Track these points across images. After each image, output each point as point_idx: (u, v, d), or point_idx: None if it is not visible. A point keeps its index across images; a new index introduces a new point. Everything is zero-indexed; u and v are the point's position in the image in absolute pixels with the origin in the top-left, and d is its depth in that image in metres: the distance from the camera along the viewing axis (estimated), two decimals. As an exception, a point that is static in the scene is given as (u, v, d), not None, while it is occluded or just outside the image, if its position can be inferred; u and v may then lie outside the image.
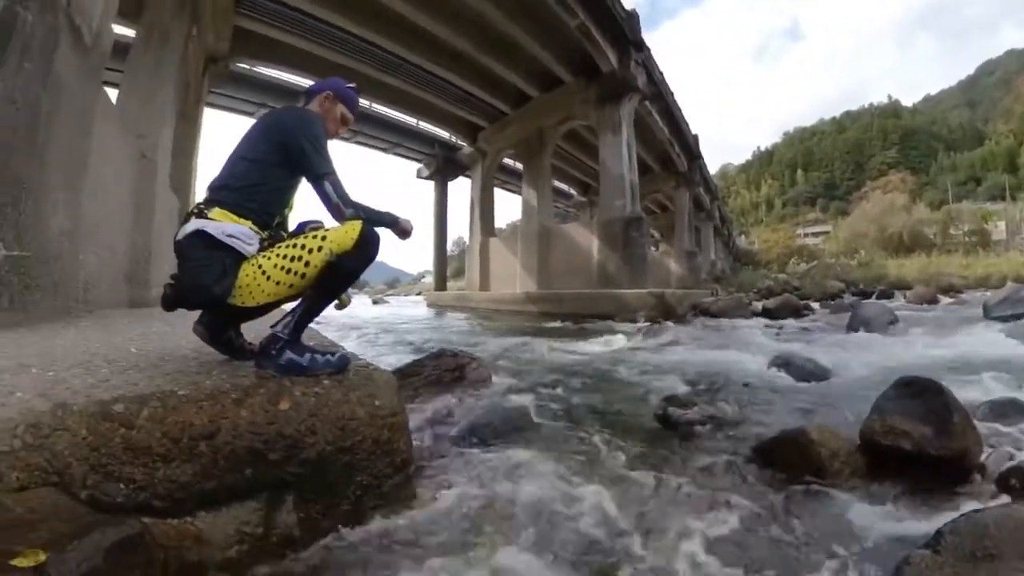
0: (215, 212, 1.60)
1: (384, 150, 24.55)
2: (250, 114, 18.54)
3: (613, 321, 10.12)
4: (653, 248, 26.39)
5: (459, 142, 22.54)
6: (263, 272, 1.57)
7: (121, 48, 6.71)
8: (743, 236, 74.14)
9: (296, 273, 1.55)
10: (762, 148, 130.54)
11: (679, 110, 20.27)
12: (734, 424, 2.63)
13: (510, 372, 4.18)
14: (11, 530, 0.97)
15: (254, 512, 1.30)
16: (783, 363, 4.21)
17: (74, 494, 1.15)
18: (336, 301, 1.70)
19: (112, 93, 5.77)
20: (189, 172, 10.60)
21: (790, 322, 9.22)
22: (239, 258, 1.58)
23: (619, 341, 6.90)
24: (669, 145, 20.92)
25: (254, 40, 12.77)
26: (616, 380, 4.08)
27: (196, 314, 1.80)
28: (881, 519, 1.60)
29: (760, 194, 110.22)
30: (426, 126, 21.72)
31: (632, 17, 14.00)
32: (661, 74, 17.08)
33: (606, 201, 14.47)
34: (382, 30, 12.61)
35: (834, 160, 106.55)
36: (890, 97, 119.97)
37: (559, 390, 3.54)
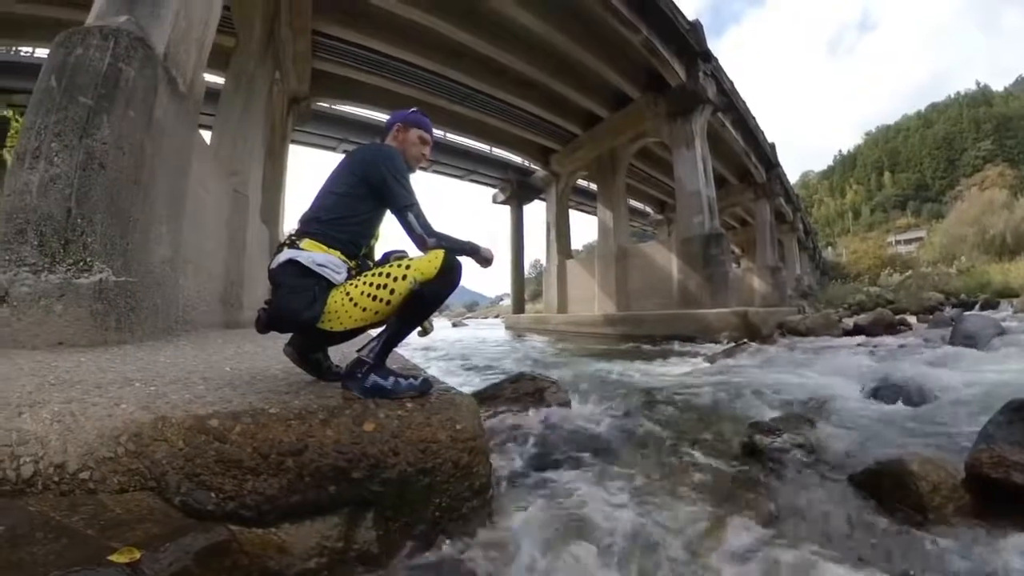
0: (306, 243, 1.70)
1: (460, 177, 25.21)
2: (333, 149, 19.70)
3: (695, 342, 9.75)
4: (735, 265, 25.29)
5: (532, 166, 22.73)
6: (351, 299, 1.64)
7: (213, 94, 7.36)
8: (830, 248, 68.85)
9: (382, 300, 1.61)
10: (843, 152, 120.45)
11: (753, 119, 19.51)
12: (825, 453, 2.41)
13: (589, 396, 4.05)
14: (110, 528, 1.04)
15: (335, 527, 1.33)
16: (878, 385, 3.90)
17: (168, 499, 1.23)
18: (419, 328, 1.76)
19: (206, 135, 6.28)
20: (277, 205, 11.40)
21: (885, 339, 8.47)
22: (328, 286, 1.66)
23: (701, 363, 6.64)
24: (745, 156, 20.13)
25: (332, 81, 13.60)
26: (698, 404, 3.86)
27: (287, 336, 1.90)
28: (988, 564, 1.38)
29: (845, 201, 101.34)
30: (499, 152, 22.08)
31: (696, 28, 13.69)
32: (731, 83, 16.55)
33: (683, 218, 14.05)
34: (453, 64, 13.05)
35: (922, 158, 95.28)
36: (978, 83, 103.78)
37: (639, 414, 3.38)
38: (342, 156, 1.96)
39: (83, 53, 3.13)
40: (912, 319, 12.07)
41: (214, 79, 8.84)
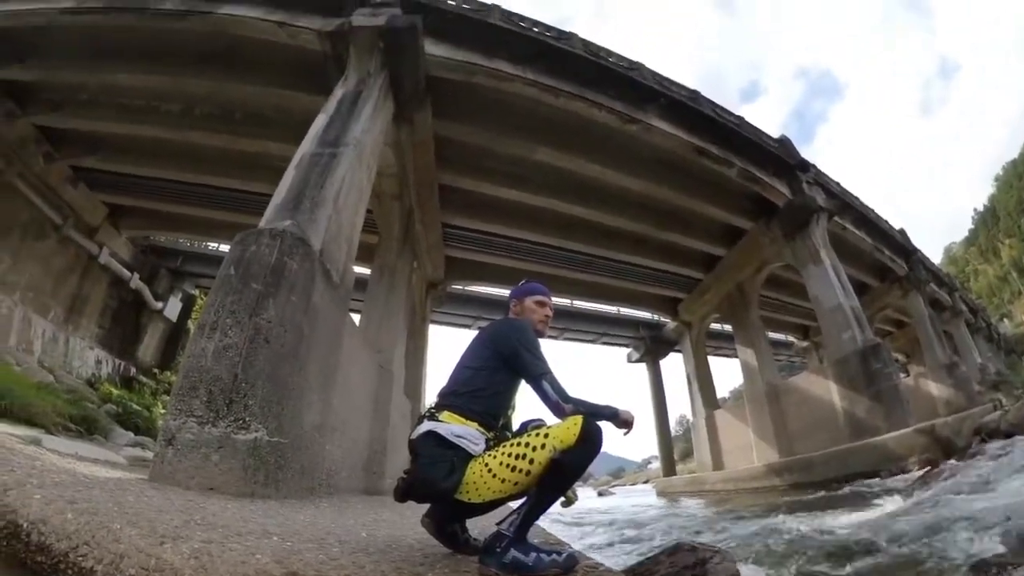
0: (445, 415, 1.76)
1: (591, 341, 25.43)
2: (468, 327, 21.17)
3: (879, 477, 8.09)
4: (903, 375, 21.28)
5: (662, 319, 22.40)
6: (489, 470, 1.62)
7: (361, 282, 8.56)
8: (1005, 320, 55.81)
9: (521, 471, 1.58)
10: (979, 209, 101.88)
11: (873, 212, 17.92)
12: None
13: (763, 562, 3.40)
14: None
15: None
16: None
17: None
18: (562, 498, 1.69)
19: (356, 317, 7.11)
20: (419, 380, 12.20)
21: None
22: (467, 457, 1.67)
23: (892, 501, 5.46)
24: (877, 252, 18.13)
25: (463, 265, 15.14)
26: (898, 553, 3.06)
27: (424, 506, 1.89)
28: None
29: (1003, 261, 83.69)
30: (626, 311, 22.24)
31: (784, 143, 13.69)
32: (838, 184, 15.76)
33: (831, 338, 12.61)
34: (569, 235, 13.98)
35: (1067, 179, 77.16)
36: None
37: (830, 578, 2.74)
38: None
39: (256, 249, 3.86)
40: None
41: (362, 270, 10.37)
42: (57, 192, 11.69)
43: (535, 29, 9.45)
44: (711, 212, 13.37)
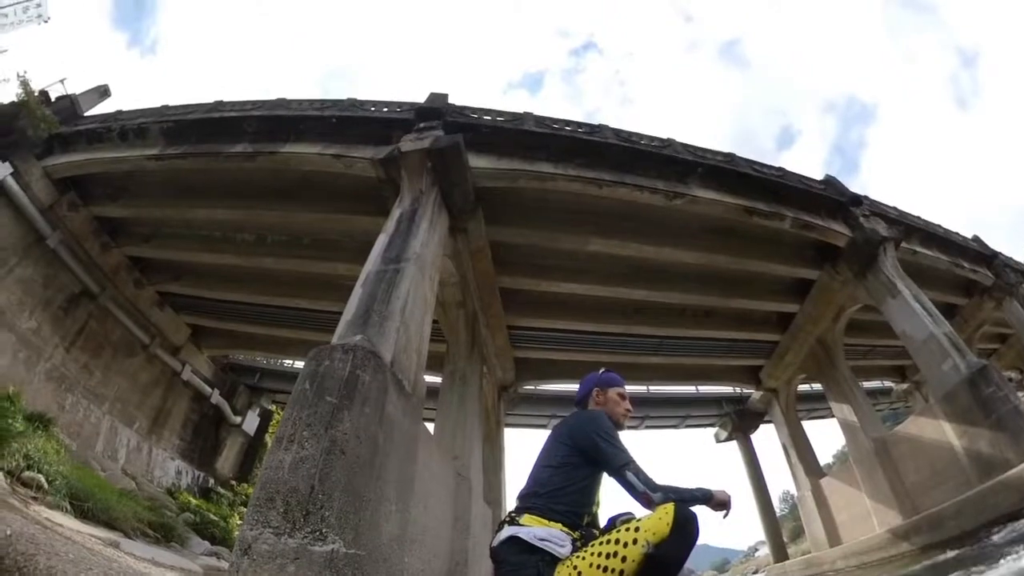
0: (526, 518, 1.72)
1: (675, 426, 24.26)
2: (543, 427, 20.62)
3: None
4: (1021, 393, 18.31)
5: (744, 391, 20.97)
6: (579, 573, 1.55)
7: (433, 391, 8.64)
8: None
9: (613, 571, 1.50)
10: None
11: (939, 227, 16.33)
12: None
13: None
14: None
15: None
16: None
17: None
18: None
19: (430, 425, 7.14)
20: (498, 485, 11.86)
21: None
22: (553, 560, 1.61)
23: None
24: (956, 268, 16.35)
25: (532, 365, 15.14)
26: None
27: None
28: None
29: None
30: (706, 388, 21.28)
31: (830, 182, 13.32)
32: (895, 209, 14.79)
33: (931, 373, 11.19)
34: (635, 320, 13.80)
35: None
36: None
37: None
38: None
39: (329, 364, 4.07)
40: None
41: (433, 379, 10.48)
42: (145, 314, 13.05)
43: (567, 128, 10.06)
44: (774, 269, 12.92)
